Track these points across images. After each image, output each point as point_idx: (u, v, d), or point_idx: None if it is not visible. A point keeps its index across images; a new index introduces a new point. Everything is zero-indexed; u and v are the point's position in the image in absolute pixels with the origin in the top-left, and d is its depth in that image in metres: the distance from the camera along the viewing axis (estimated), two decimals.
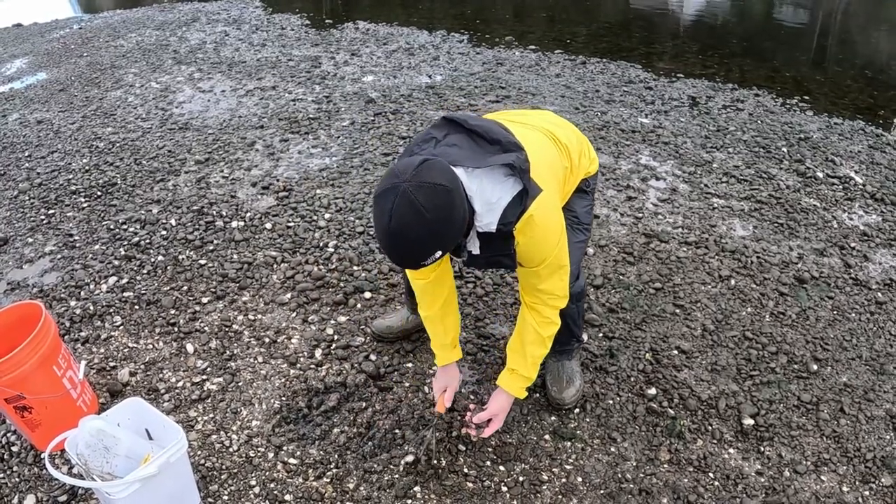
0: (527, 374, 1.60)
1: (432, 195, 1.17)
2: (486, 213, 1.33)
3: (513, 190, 1.32)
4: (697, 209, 2.88)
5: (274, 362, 2.01)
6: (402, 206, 1.15)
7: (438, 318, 1.66)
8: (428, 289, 1.63)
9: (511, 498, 1.61)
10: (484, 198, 1.32)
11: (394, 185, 1.16)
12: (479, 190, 1.31)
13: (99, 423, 1.47)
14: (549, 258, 1.43)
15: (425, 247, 1.21)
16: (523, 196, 1.33)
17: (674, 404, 1.88)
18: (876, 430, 1.84)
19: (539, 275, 1.47)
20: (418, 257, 1.23)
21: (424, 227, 1.17)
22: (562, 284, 1.51)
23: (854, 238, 2.72)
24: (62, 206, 2.88)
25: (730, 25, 6.81)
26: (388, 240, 1.20)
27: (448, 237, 1.23)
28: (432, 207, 1.16)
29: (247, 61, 4.81)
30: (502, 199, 1.32)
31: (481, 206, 1.32)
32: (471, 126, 1.38)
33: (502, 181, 1.33)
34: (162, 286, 2.34)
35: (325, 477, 1.65)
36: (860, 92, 4.62)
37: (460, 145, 1.36)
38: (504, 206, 1.32)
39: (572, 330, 1.82)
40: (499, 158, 1.31)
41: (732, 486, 1.66)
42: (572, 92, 4.26)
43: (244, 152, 3.35)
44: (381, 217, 1.18)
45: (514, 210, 1.33)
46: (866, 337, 2.18)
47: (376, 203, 1.20)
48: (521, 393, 1.63)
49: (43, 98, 4.26)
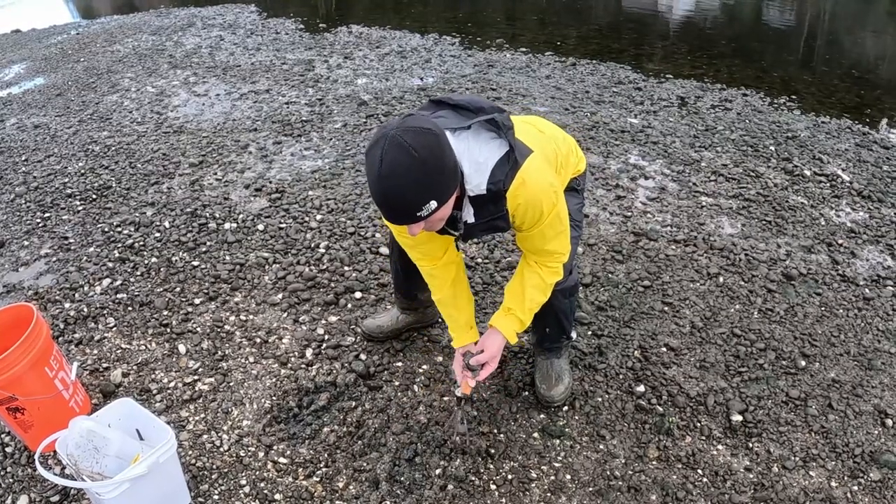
0: (522, 317, 1.57)
1: (420, 137, 1.17)
2: (474, 173, 1.33)
3: (500, 150, 1.33)
4: (686, 208, 2.90)
5: (265, 362, 2.02)
6: (391, 150, 1.16)
7: (450, 301, 1.65)
8: (436, 272, 1.63)
9: (500, 496, 1.62)
10: (471, 158, 1.32)
11: (382, 135, 1.18)
12: (466, 151, 1.32)
13: (89, 424, 1.48)
14: (548, 214, 1.41)
15: (419, 191, 1.19)
16: (511, 155, 1.33)
17: (662, 401, 1.89)
18: (864, 426, 1.85)
19: (544, 234, 1.45)
20: (413, 204, 1.20)
21: (416, 168, 1.17)
22: (566, 242, 1.52)
23: (841, 235, 2.75)
24: (58, 210, 2.90)
25: (719, 27, 6.86)
26: (380, 186, 1.18)
27: (441, 183, 1.22)
28: (421, 147, 1.16)
29: (241, 65, 4.84)
30: (490, 159, 1.32)
31: (469, 166, 1.32)
32: (455, 101, 1.40)
33: (488, 142, 1.34)
34: (155, 288, 2.36)
35: (314, 476, 1.66)
36: (847, 91, 4.66)
37: (447, 116, 1.37)
38: (492, 166, 1.32)
39: (563, 325, 1.82)
40: (482, 116, 1.33)
41: (721, 483, 1.67)
42: (562, 93, 4.28)
43: (238, 155, 3.37)
44: (372, 166, 1.18)
45: (503, 169, 1.32)
46: (854, 333, 2.20)
47: (367, 156, 1.20)
48: (513, 337, 1.59)
49: (40, 103, 4.28)
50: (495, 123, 1.33)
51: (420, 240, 1.54)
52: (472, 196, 1.37)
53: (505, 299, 1.60)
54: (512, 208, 1.39)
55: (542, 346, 1.90)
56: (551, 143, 1.56)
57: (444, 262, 1.62)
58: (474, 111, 1.36)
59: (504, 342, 1.61)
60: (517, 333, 1.60)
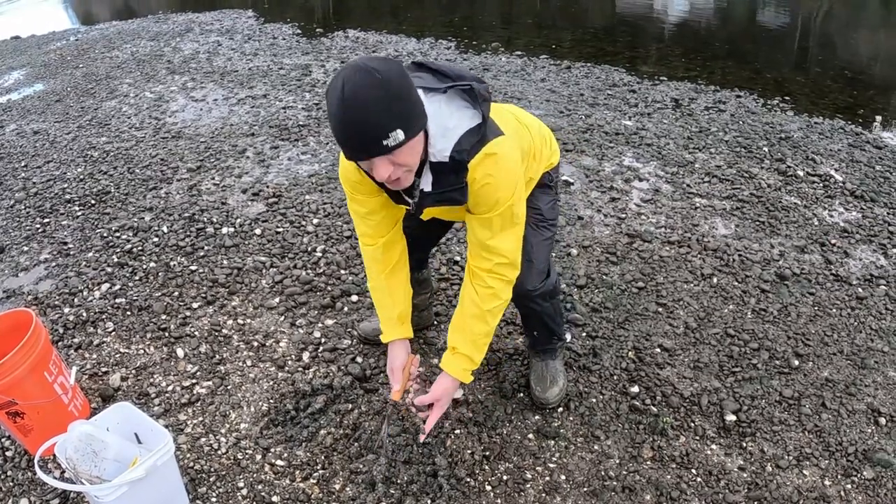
0: (468, 354, 1.49)
1: (385, 63, 1.13)
2: (440, 137, 1.27)
3: (471, 121, 1.27)
4: (680, 209, 2.92)
5: (262, 365, 2.04)
6: (354, 75, 1.10)
7: (386, 288, 1.57)
8: (377, 255, 1.56)
9: (495, 497, 1.63)
10: (440, 121, 1.26)
11: (344, 66, 1.14)
12: (436, 113, 1.26)
13: (87, 428, 1.49)
14: (503, 204, 1.34)
15: (384, 115, 1.11)
16: (481, 128, 1.27)
17: (656, 402, 1.91)
18: (857, 424, 1.86)
19: (491, 224, 1.37)
20: (378, 129, 1.11)
21: (380, 88, 1.09)
22: (514, 246, 1.42)
23: (834, 235, 2.77)
24: (57, 215, 2.92)
25: (712, 29, 6.89)
26: (342, 112, 1.10)
27: (408, 111, 1.15)
28: (385, 70, 1.11)
29: (239, 70, 4.86)
30: (459, 127, 1.26)
31: (436, 129, 1.26)
32: (437, 67, 1.35)
33: (461, 109, 1.28)
34: (153, 292, 2.37)
35: (311, 478, 1.68)
36: (840, 92, 4.69)
37: (424, 78, 1.32)
38: (460, 134, 1.26)
39: (551, 329, 1.81)
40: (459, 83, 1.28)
41: (715, 482, 1.68)
42: (557, 96, 4.31)
43: (235, 160, 3.39)
44: (333, 96, 1.11)
45: (470, 139, 1.26)
46: (847, 332, 2.21)
47: (329, 90, 1.13)
48: (466, 377, 1.52)
49: (39, 109, 4.30)
50: (472, 94, 1.27)
51: (373, 208, 1.48)
52: (434, 163, 1.30)
53: (448, 337, 1.53)
54: (470, 181, 1.32)
55: (534, 348, 1.90)
56: (526, 134, 1.52)
57: (388, 240, 1.54)
58: (453, 78, 1.31)
59: (455, 384, 1.53)
60: (471, 372, 1.52)
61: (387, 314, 1.60)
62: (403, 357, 1.62)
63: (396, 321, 1.60)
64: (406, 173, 1.24)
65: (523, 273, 1.57)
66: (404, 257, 1.62)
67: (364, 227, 1.56)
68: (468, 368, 1.52)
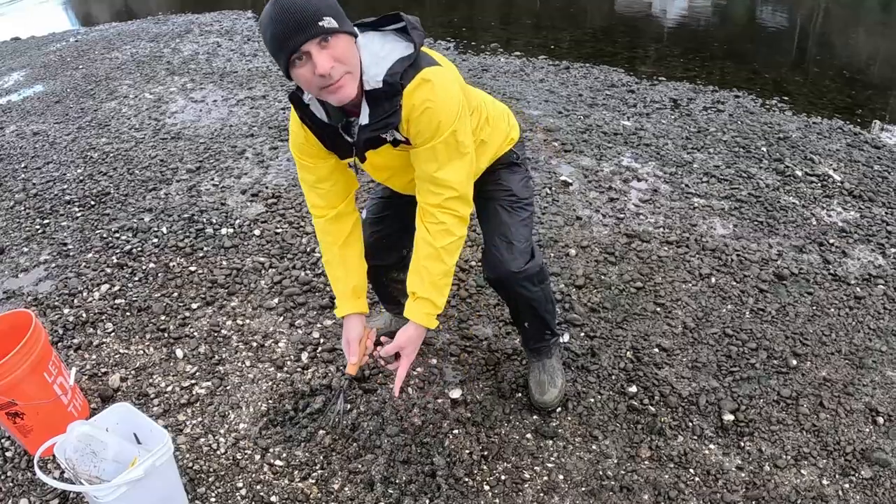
0: (429, 297, 1.42)
1: None
2: (372, 66, 1.26)
3: (405, 50, 1.28)
4: (678, 209, 2.93)
5: (261, 366, 2.04)
6: None
7: (340, 261, 1.54)
8: (329, 227, 1.54)
9: (493, 496, 1.63)
10: (373, 51, 1.27)
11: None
12: (368, 44, 1.28)
13: (86, 428, 1.50)
14: (446, 129, 1.30)
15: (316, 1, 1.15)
16: (414, 55, 1.27)
17: (654, 401, 1.91)
18: (855, 424, 1.86)
19: (436, 153, 1.32)
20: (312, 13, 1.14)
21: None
22: (463, 178, 1.37)
23: (833, 234, 2.77)
24: (57, 216, 2.93)
25: (711, 29, 6.90)
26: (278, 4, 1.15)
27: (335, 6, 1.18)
28: None
29: (238, 71, 4.87)
30: (391, 55, 1.27)
31: (369, 57, 1.26)
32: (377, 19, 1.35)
33: (394, 41, 1.30)
34: (153, 293, 2.38)
35: (310, 478, 1.68)
36: (839, 92, 4.70)
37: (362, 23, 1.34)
38: (393, 60, 1.26)
39: (543, 319, 1.74)
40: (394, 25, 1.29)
41: (713, 482, 1.68)
42: (556, 96, 4.31)
43: (234, 160, 3.39)
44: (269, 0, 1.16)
45: (402, 64, 1.26)
46: (845, 331, 2.22)
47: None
48: (430, 322, 1.45)
49: (39, 110, 4.30)
50: (405, 30, 1.28)
51: (322, 174, 1.47)
52: (368, 91, 1.28)
53: (407, 283, 1.46)
54: (408, 109, 1.29)
55: (528, 346, 1.88)
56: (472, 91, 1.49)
57: (340, 212, 1.53)
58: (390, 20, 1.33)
59: (420, 331, 1.46)
60: (435, 316, 1.46)
61: (341, 288, 1.55)
62: (359, 330, 1.56)
63: (351, 295, 1.55)
64: (347, 76, 1.22)
65: (505, 255, 1.55)
66: (357, 231, 1.59)
67: (314, 197, 1.53)
68: (431, 313, 1.45)
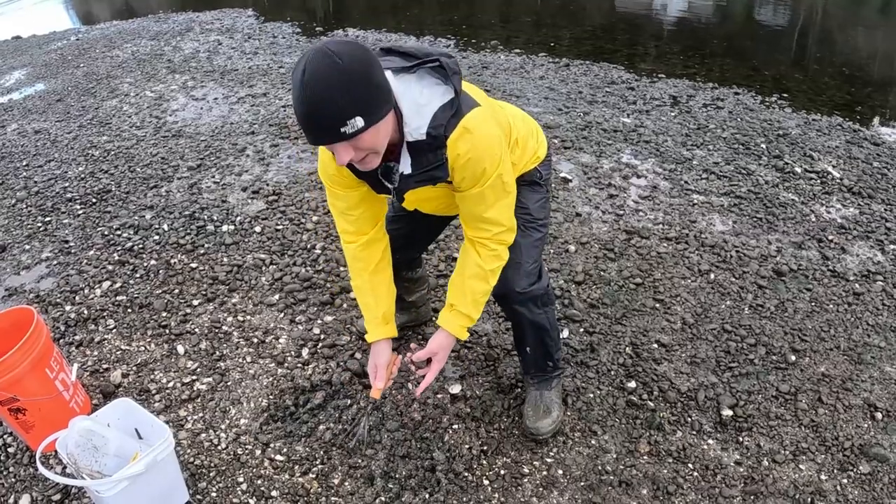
0: (466, 312, 1.48)
1: (346, 46, 1.11)
2: (414, 115, 1.25)
3: (444, 96, 1.25)
4: (678, 205, 2.93)
5: (262, 362, 2.05)
6: (315, 59, 1.09)
7: (369, 288, 1.56)
8: (359, 253, 1.54)
9: (493, 491, 1.64)
10: (412, 99, 1.25)
11: (310, 49, 1.13)
12: (406, 91, 1.25)
13: (88, 424, 1.51)
14: (491, 174, 1.32)
15: (342, 101, 1.10)
16: (455, 102, 1.25)
17: (653, 397, 1.92)
18: (854, 419, 1.87)
19: (485, 197, 1.35)
20: (336, 117, 1.11)
21: (339, 75, 1.09)
22: (510, 214, 1.42)
23: (832, 231, 2.77)
24: (58, 214, 2.94)
25: (711, 27, 6.88)
26: (301, 95, 1.10)
27: (368, 97, 1.13)
28: (346, 55, 1.10)
29: (239, 69, 4.87)
30: (432, 103, 1.25)
31: (409, 107, 1.25)
32: (405, 49, 1.33)
33: (432, 86, 1.26)
34: (154, 290, 2.39)
35: (310, 473, 1.69)
36: (838, 89, 4.69)
37: (393, 60, 1.31)
38: (435, 110, 1.24)
39: (546, 346, 1.72)
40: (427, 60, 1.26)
41: (711, 477, 1.69)
42: (556, 93, 4.32)
43: (235, 158, 3.40)
44: (296, 77, 1.11)
45: (445, 114, 1.24)
46: (844, 327, 2.22)
47: (293, 72, 1.13)
48: (462, 333, 1.51)
49: (40, 108, 4.31)
50: (441, 69, 1.25)
51: (352, 202, 1.47)
52: (411, 142, 1.28)
53: (447, 295, 1.51)
54: (452, 159, 1.30)
55: (528, 374, 1.82)
56: (504, 114, 1.49)
57: (371, 238, 1.53)
58: (421, 57, 1.29)
59: (451, 340, 1.52)
60: (467, 328, 1.52)
61: (371, 314, 1.58)
62: (387, 355, 1.60)
63: (381, 321, 1.58)
64: (372, 156, 1.22)
65: (510, 275, 1.54)
66: (387, 255, 1.60)
67: (345, 223, 1.54)
68: (465, 325, 1.51)
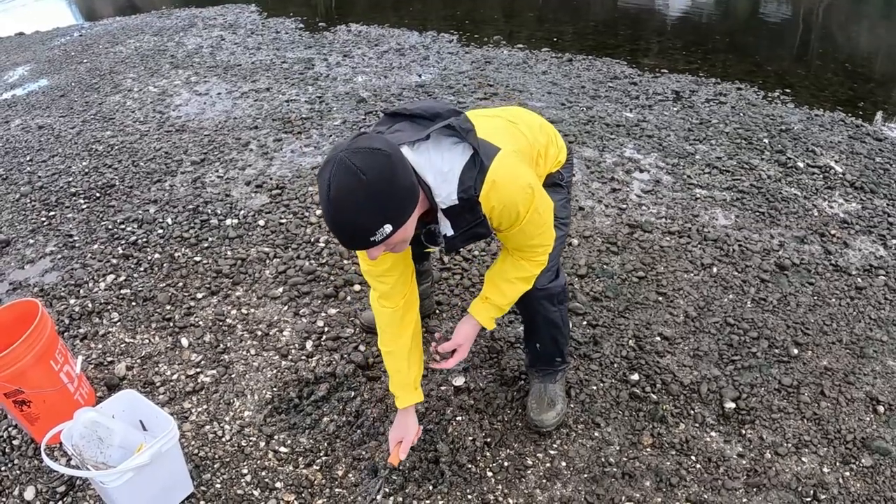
0: (499, 304, 1.52)
1: (369, 158, 1.13)
2: (441, 184, 1.28)
3: (464, 155, 1.27)
4: (680, 200, 2.93)
5: (266, 354, 2.06)
6: (339, 174, 1.11)
7: (404, 354, 1.55)
8: (395, 319, 1.53)
9: (496, 483, 1.65)
10: (435, 169, 1.27)
11: (331, 158, 1.14)
12: (427, 163, 1.27)
13: (93, 415, 1.52)
14: (526, 213, 1.35)
15: (370, 216, 1.14)
16: (476, 158, 1.27)
17: (656, 389, 1.92)
18: (856, 412, 1.87)
19: (525, 232, 1.40)
20: (366, 229, 1.15)
21: (364, 191, 1.11)
22: (549, 234, 1.46)
23: (834, 225, 2.77)
24: (62, 208, 2.95)
25: (713, 22, 6.86)
26: (331, 211, 1.14)
27: (394, 206, 1.17)
28: (369, 169, 1.12)
29: (242, 64, 4.87)
30: (455, 167, 1.27)
31: (434, 178, 1.27)
32: (411, 111, 1.35)
33: (451, 149, 1.28)
34: (158, 283, 2.40)
35: (314, 465, 1.70)
36: (840, 85, 4.68)
37: (403, 129, 1.33)
38: (459, 174, 1.27)
39: (557, 342, 1.74)
40: (439, 123, 1.28)
41: (714, 469, 1.70)
42: (558, 88, 4.31)
43: (239, 152, 3.41)
44: (322, 191, 1.13)
45: (471, 174, 1.27)
46: (846, 321, 2.22)
47: (318, 179, 1.15)
48: (491, 323, 1.54)
49: (44, 104, 4.32)
50: (453, 129, 1.27)
51: (388, 267, 1.47)
52: (445, 208, 1.31)
53: (484, 288, 1.54)
54: (488, 211, 1.33)
55: (534, 367, 1.83)
56: (523, 135, 1.50)
57: (408, 301, 1.54)
58: (431, 118, 1.32)
59: (478, 328, 1.56)
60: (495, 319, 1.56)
61: (403, 380, 1.57)
62: (415, 426, 1.62)
63: (412, 386, 1.58)
64: (400, 244, 1.26)
65: None
66: (419, 322, 1.60)
67: (382, 287, 1.51)
68: (494, 316, 1.55)
